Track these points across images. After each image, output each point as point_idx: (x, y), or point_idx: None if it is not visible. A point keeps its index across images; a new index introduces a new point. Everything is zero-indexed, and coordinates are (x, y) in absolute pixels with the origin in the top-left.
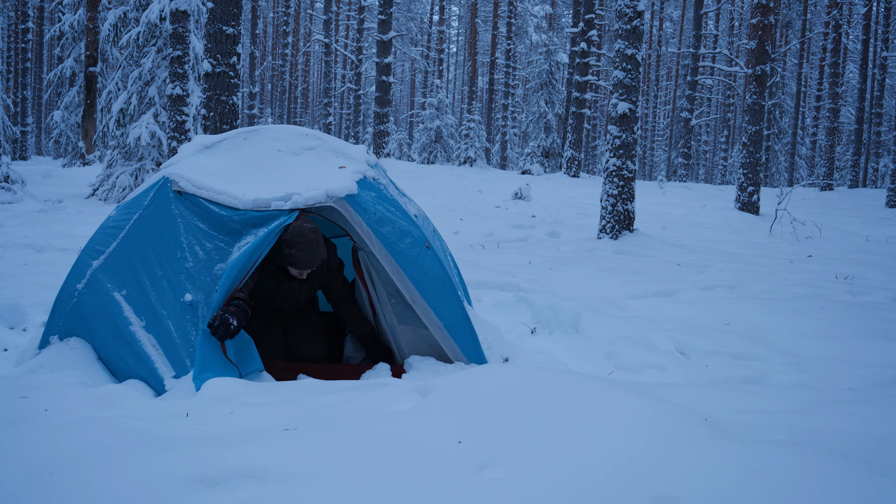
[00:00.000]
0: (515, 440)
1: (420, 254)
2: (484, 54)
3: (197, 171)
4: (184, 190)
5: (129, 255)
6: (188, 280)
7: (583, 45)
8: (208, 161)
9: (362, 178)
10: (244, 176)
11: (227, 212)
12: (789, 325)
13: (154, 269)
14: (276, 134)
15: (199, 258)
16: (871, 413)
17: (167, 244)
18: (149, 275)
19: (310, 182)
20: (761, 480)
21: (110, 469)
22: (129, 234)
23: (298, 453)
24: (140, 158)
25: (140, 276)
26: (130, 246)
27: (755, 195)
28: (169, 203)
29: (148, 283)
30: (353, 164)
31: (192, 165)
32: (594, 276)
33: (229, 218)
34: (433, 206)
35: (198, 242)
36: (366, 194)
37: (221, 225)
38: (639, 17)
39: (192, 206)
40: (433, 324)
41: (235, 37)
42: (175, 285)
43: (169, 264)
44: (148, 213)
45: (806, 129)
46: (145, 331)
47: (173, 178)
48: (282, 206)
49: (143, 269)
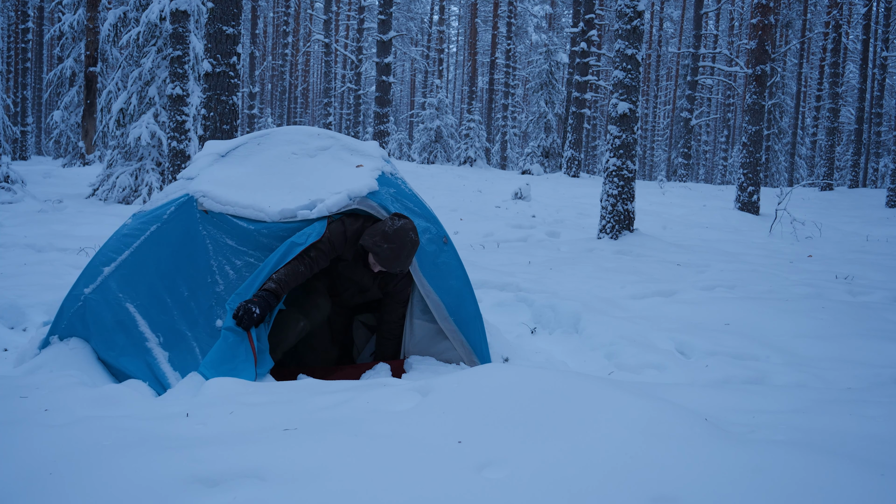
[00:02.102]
0: (515, 440)
1: (438, 249)
2: (484, 54)
3: (218, 185)
4: (210, 209)
5: (145, 266)
6: (218, 305)
7: (583, 45)
8: (227, 172)
9: (381, 174)
10: (265, 184)
11: (254, 226)
12: (789, 325)
13: (179, 289)
14: (289, 136)
15: (230, 278)
16: (871, 413)
17: (196, 266)
18: (172, 293)
19: (330, 185)
20: (761, 480)
21: (110, 469)
22: (145, 246)
23: (298, 453)
24: (140, 158)
25: (159, 291)
26: (146, 257)
27: (755, 195)
28: (196, 224)
29: (170, 302)
30: (369, 161)
31: (212, 179)
32: (594, 276)
33: (257, 232)
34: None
35: (228, 262)
36: (385, 191)
37: (250, 240)
38: (639, 17)
39: (220, 224)
40: (444, 319)
41: (235, 37)
42: (204, 309)
43: (198, 287)
44: (168, 228)
45: (806, 129)
46: (162, 348)
47: (197, 196)
48: (308, 216)
49: (163, 286)
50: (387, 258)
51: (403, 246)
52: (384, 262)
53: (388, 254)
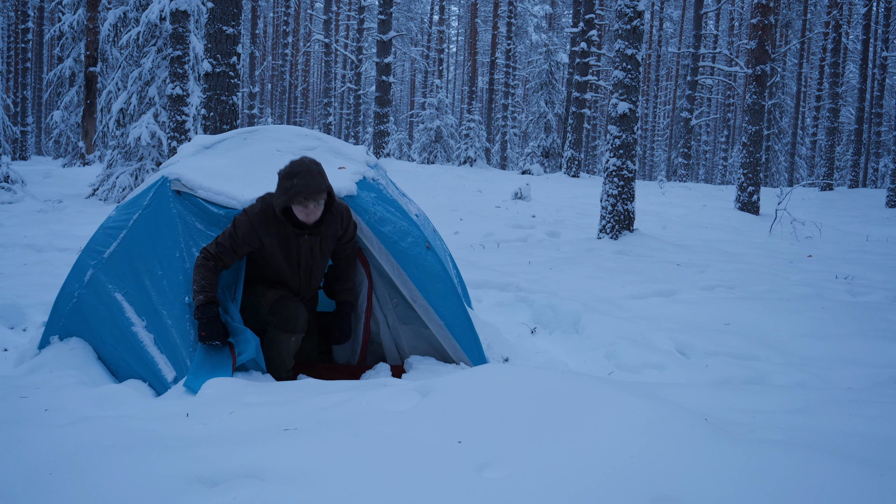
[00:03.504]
0: (515, 440)
1: (421, 253)
2: (484, 54)
3: (196, 170)
4: (182, 190)
5: (129, 255)
6: (186, 282)
7: (583, 45)
8: (208, 161)
9: (362, 178)
10: (243, 176)
11: (224, 212)
12: (789, 325)
13: (154, 269)
14: (276, 134)
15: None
16: (871, 413)
17: (166, 244)
18: (149, 274)
19: None
20: (761, 480)
21: (110, 469)
22: (130, 235)
23: (298, 453)
24: (140, 158)
25: (141, 275)
26: (131, 246)
27: (755, 195)
28: (168, 203)
29: (149, 283)
30: (352, 164)
31: (191, 165)
32: (594, 276)
33: (227, 218)
34: (433, 206)
35: (195, 244)
36: (365, 195)
37: (220, 225)
38: (639, 17)
39: (191, 207)
40: (434, 323)
41: (235, 37)
42: (174, 285)
43: (168, 264)
44: (147, 213)
45: (806, 129)
46: (147, 331)
47: (172, 177)
48: None
49: (144, 269)
50: (305, 188)
51: (308, 169)
52: (308, 190)
53: (302, 185)
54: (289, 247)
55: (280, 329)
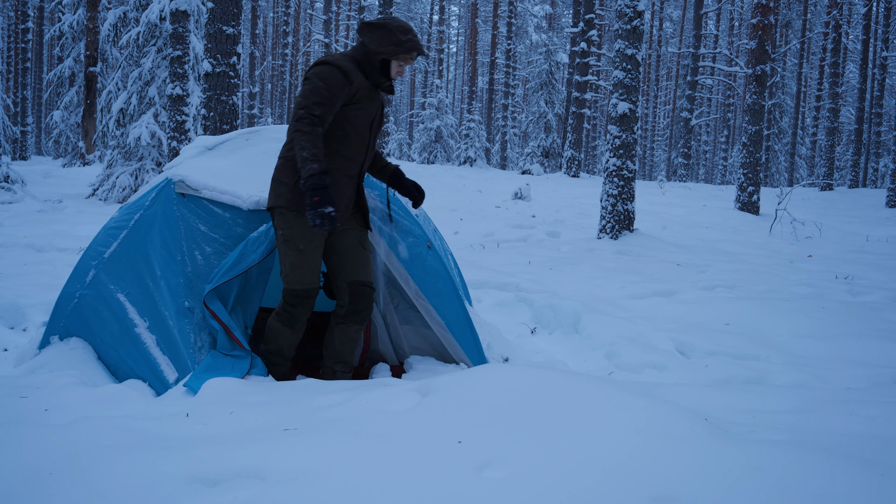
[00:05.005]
0: (515, 440)
1: (423, 252)
2: (484, 54)
3: (200, 171)
4: (187, 191)
5: (131, 255)
6: (186, 285)
7: (583, 45)
8: (211, 162)
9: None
10: (247, 176)
11: (229, 213)
12: (789, 325)
13: (155, 270)
14: (278, 134)
15: (198, 263)
16: (871, 413)
17: (167, 246)
18: (151, 275)
19: None
20: (761, 480)
21: (110, 469)
22: (131, 235)
23: (298, 453)
24: (140, 158)
25: (143, 276)
26: (132, 246)
27: (755, 195)
28: (171, 204)
29: (151, 284)
30: None
31: (194, 166)
32: (594, 276)
33: (232, 220)
34: (433, 206)
35: (198, 247)
36: (367, 192)
37: (224, 227)
38: (639, 17)
39: (195, 209)
40: (435, 322)
41: (235, 37)
42: (174, 287)
43: (168, 266)
44: (150, 214)
45: (806, 129)
46: (149, 332)
47: (176, 179)
48: None
49: (146, 270)
50: (420, 45)
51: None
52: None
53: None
54: (372, 99)
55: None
